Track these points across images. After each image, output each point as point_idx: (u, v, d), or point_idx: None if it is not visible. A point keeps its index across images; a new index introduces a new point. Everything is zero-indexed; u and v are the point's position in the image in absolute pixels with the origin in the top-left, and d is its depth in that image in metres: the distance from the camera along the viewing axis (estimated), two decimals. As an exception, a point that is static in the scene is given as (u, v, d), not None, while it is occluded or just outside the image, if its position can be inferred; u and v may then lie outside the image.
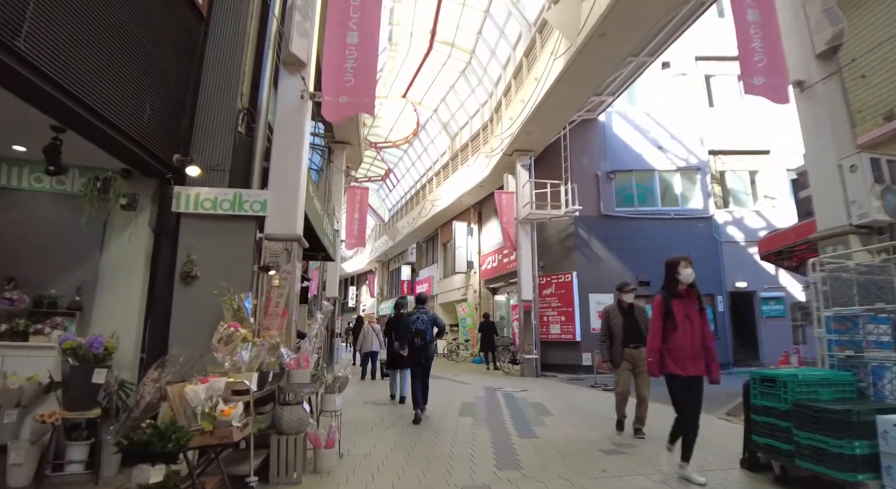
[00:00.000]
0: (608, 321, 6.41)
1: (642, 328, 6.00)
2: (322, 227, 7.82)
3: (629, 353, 6.09)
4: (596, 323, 14.32)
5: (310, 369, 4.74)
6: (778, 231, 8.58)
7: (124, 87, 4.38)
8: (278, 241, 5.23)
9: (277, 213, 5.21)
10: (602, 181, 15.49)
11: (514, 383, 11.97)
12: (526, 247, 14.55)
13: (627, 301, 6.43)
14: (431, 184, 24.63)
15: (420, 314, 7.57)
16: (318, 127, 15.00)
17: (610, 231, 15.11)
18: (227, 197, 5.18)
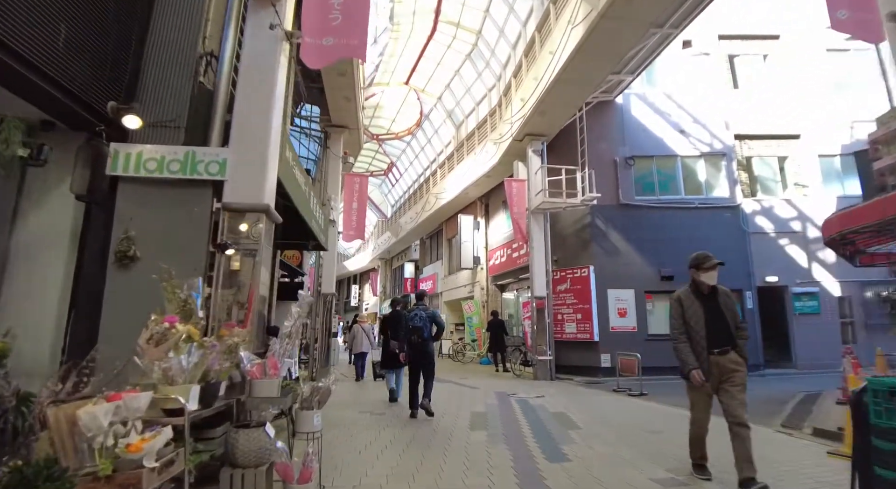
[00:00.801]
0: (682, 313, 4.27)
1: (730, 323, 4.14)
2: (309, 207, 6.70)
3: (713, 361, 4.04)
4: (616, 320, 13.19)
5: (279, 379, 3.61)
6: (852, 208, 7.39)
7: (34, 7, 3.27)
8: (241, 213, 4.08)
9: (240, 176, 4.08)
10: (620, 168, 14.32)
11: (528, 387, 10.82)
12: (538, 239, 13.39)
13: (709, 283, 4.31)
14: (435, 176, 23.49)
15: (418, 311, 7.28)
16: (313, 110, 13.93)
17: (629, 221, 13.95)
18: (176, 156, 4.06)
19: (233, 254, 3.97)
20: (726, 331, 4.11)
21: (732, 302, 4.33)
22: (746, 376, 4.07)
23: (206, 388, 3.09)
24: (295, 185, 5.62)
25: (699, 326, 4.11)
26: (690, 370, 4.02)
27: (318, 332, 12.37)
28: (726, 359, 4.02)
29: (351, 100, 12.15)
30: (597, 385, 11.80)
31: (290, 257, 13.05)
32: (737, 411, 3.88)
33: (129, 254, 3.90)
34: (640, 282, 13.57)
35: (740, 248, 14.09)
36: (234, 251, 3.97)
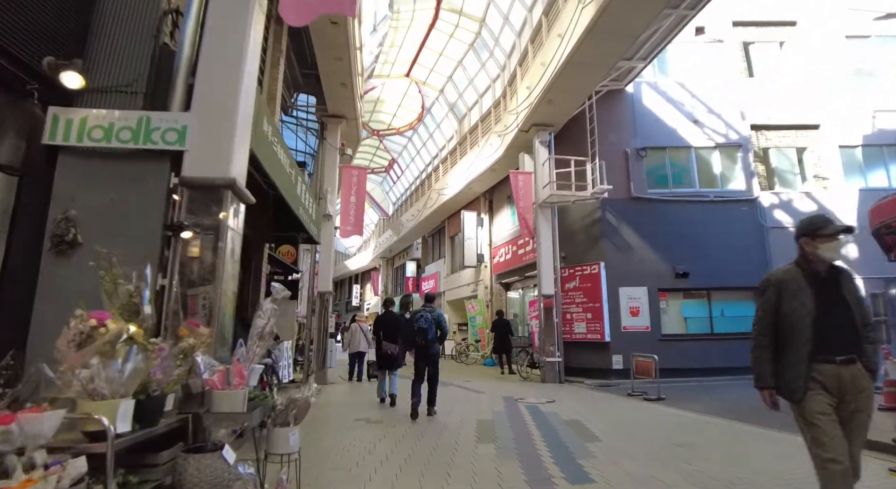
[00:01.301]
0: (776, 302, 2.87)
1: (857, 318, 2.75)
2: (295, 193, 6.04)
3: (830, 374, 2.68)
4: (628, 320, 12.49)
5: (244, 389, 2.95)
6: None
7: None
8: (203, 189, 3.41)
9: (203, 145, 3.42)
10: (632, 159, 13.63)
11: (537, 391, 10.15)
12: (546, 234, 12.71)
13: (830, 258, 2.85)
14: (438, 172, 22.83)
15: (425, 313, 7.23)
16: (310, 101, 13.30)
17: (642, 215, 13.25)
18: (127, 123, 3.40)
19: (191, 238, 3.30)
20: (851, 331, 2.73)
21: (857, 289, 2.87)
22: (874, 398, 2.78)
23: (144, 403, 2.43)
24: (277, 166, 4.96)
25: (804, 322, 2.74)
26: (762, 388, 2.92)
27: (314, 333, 11.71)
28: (852, 372, 2.67)
29: (348, 86, 11.50)
30: (609, 388, 11.12)
31: (285, 253, 12.40)
32: (854, 453, 2.65)
33: (68, 238, 3.24)
34: (654, 280, 12.88)
35: (758, 244, 13.39)
36: (192, 234, 3.30)
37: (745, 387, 11.74)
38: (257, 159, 4.06)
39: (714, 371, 12.34)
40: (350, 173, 12.54)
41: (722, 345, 12.66)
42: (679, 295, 13.17)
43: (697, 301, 13.20)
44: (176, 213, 3.33)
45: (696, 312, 13.12)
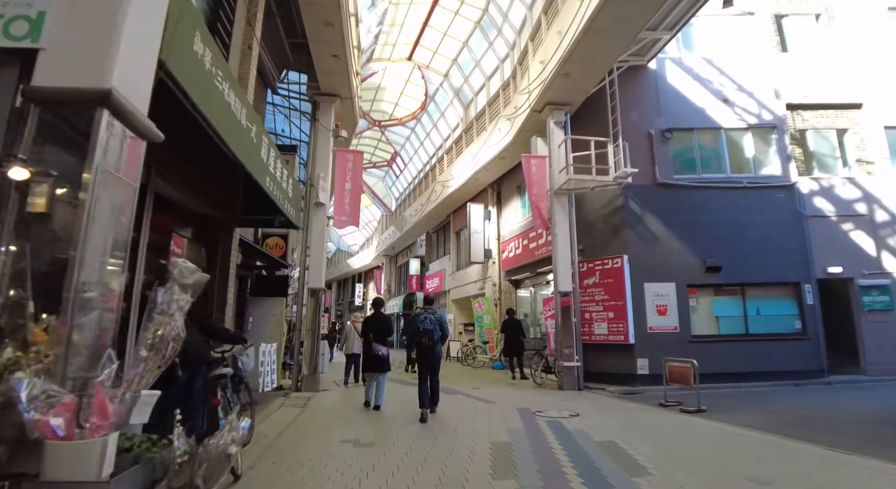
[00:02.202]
0: None
1: None
2: (258, 156, 4.82)
3: None
4: (655, 319, 11.25)
5: (105, 437, 1.71)
6: None
7: None
8: (64, 105, 2.17)
9: (68, 41, 2.16)
10: (656, 142, 12.34)
11: (556, 401, 8.89)
12: (563, 224, 11.44)
13: None
14: (442, 163, 21.59)
15: (427, 314, 7.48)
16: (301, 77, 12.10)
17: (668, 203, 11.95)
18: (-49, 10, 2.15)
19: (30, 180, 2.05)
20: None
21: None
22: None
23: None
24: (223, 110, 3.73)
25: None
26: None
27: (305, 334, 10.49)
28: None
29: (341, 58, 10.27)
30: (635, 397, 9.85)
31: (273, 246, 11.19)
32: None
33: None
34: (682, 275, 11.58)
35: (797, 235, 12.06)
36: (30, 172, 2.05)
37: (787, 394, 10.51)
38: (181, 86, 2.82)
39: (750, 376, 11.04)
40: (345, 157, 11.31)
41: (757, 348, 11.37)
42: (710, 291, 11.86)
43: (730, 298, 11.88)
44: (22, 138, 2.09)
45: (729, 311, 11.81)
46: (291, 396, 9.52)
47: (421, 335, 7.28)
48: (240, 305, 9.92)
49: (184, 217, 5.65)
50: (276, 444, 5.49)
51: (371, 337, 8.02)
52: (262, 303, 10.57)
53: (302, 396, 9.48)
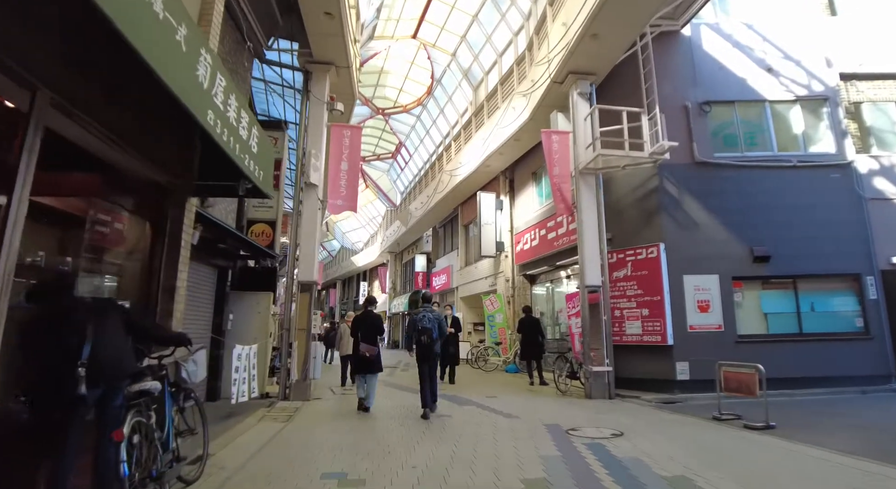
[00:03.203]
0: None
1: None
2: (217, 107, 3.47)
3: None
4: (696, 317, 9.85)
5: None
6: None
7: None
8: None
9: None
10: (693, 116, 10.88)
11: (588, 414, 7.48)
12: (590, 209, 10.01)
13: None
14: (449, 152, 20.18)
15: (426, 312, 7.51)
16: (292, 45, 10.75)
17: (709, 184, 10.50)
18: None
19: None
20: None
21: None
22: None
23: None
24: (145, 19, 2.34)
25: None
26: None
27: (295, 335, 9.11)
28: None
29: (335, 17, 8.89)
30: (677, 406, 8.45)
31: (259, 234, 9.84)
32: None
33: None
34: (726, 266, 10.12)
35: (856, 220, 10.55)
36: None
37: (856, 403, 8.84)
38: None
39: (805, 382, 9.60)
40: (340, 133, 9.92)
41: (813, 349, 9.91)
42: (757, 284, 10.39)
43: (781, 292, 10.40)
44: None
45: (780, 306, 10.32)
46: (277, 406, 8.15)
47: (420, 333, 7.35)
48: (218, 301, 8.57)
49: (118, 180, 4.28)
50: (234, 482, 4.11)
51: (360, 337, 7.66)
52: (246, 298, 9.23)
53: (289, 406, 8.11)
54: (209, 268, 8.42)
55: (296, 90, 12.71)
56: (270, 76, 13.42)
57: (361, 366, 7.75)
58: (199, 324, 8.10)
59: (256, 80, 13.43)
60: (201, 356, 4.10)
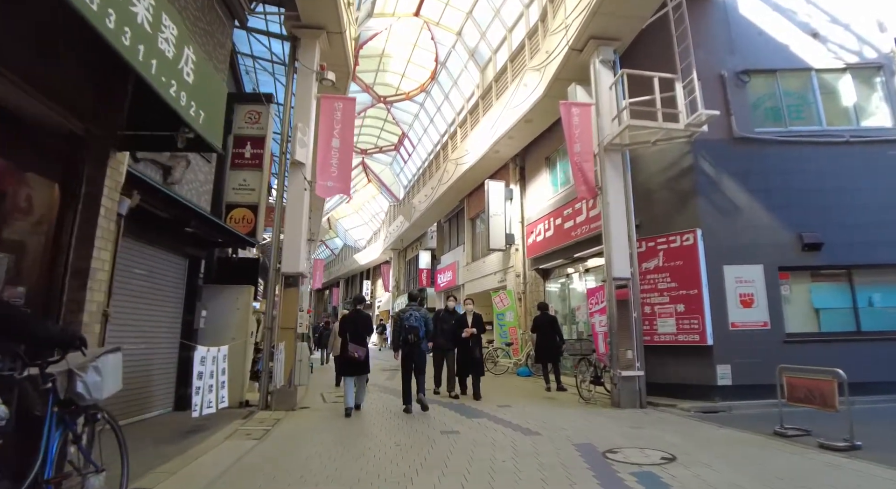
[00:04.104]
0: None
1: None
2: (143, 32, 2.27)
3: None
4: (738, 313, 8.66)
5: None
6: None
7: None
8: None
9: None
10: (730, 87, 9.62)
11: (623, 428, 6.25)
12: (616, 190, 8.79)
13: None
14: (455, 139, 18.97)
15: (412, 311, 7.62)
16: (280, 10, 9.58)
17: (750, 163, 9.25)
18: None
19: None
20: None
21: None
22: None
23: None
24: None
25: None
26: None
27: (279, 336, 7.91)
28: None
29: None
30: (723, 418, 7.22)
31: (239, 220, 8.67)
32: None
33: None
34: (772, 255, 8.86)
35: (918, 203, 9.26)
36: None
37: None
38: None
39: (864, 388, 8.22)
40: (331, 105, 8.72)
41: (873, 350, 8.62)
42: (806, 275, 9.12)
43: (834, 285, 9.13)
44: None
45: (833, 301, 9.05)
46: (255, 417, 6.97)
47: (406, 332, 7.40)
48: (189, 296, 7.40)
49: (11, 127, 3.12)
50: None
51: (349, 337, 7.36)
52: (224, 293, 8.06)
53: (269, 417, 6.93)
54: (177, 256, 7.26)
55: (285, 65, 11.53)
56: (260, 51, 12.26)
57: (349, 367, 7.40)
58: (163, 322, 6.93)
59: (244, 56, 12.28)
60: (109, 363, 2.91)
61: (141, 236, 6.23)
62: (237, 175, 8.94)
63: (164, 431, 5.96)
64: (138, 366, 6.34)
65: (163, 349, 6.85)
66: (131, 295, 6.17)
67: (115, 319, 5.87)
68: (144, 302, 6.44)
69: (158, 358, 6.71)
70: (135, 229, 6.04)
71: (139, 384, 6.37)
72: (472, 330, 9.02)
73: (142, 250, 6.36)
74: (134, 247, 6.19)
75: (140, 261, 6.34)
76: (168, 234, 6.67)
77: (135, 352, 6.25)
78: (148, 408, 6.52)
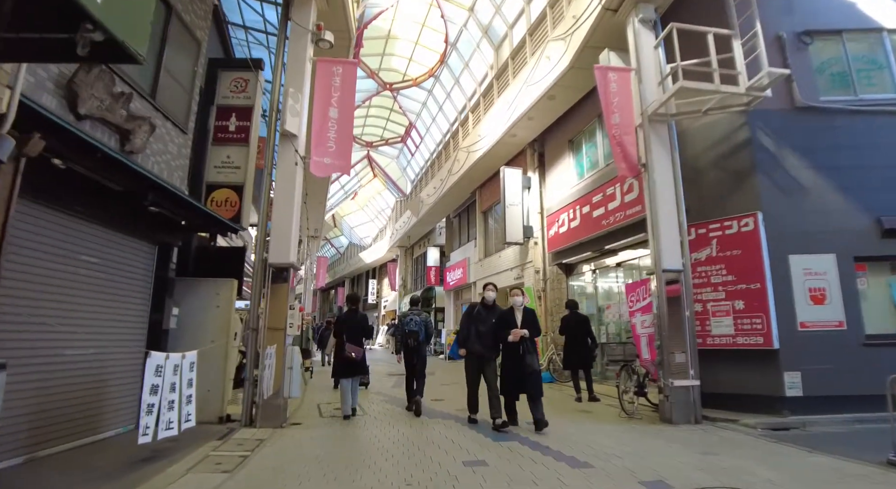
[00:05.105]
0: None
1: None
2: None
3: None
4: (808, 311, 7.38)
5: None
6: None
7: None
8: None
9: None
10: (790, 50, 8.29)
11: (690, 453, 4.97)
12: (663, 167, 7.52)
13: None
14: (466, 126, 17.69)
15: (413, 315, 7.66)
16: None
17: (816, 136, 7.92)
18: None
19: None
20: None
21: None
22: None
23: None
24: None
25: None
26: None
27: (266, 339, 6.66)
28: None
29: None
30: (803, 438, 5.91)
31: (221, 202, 7.45)
32: None
33: None
34: (846, 242, 7.52)
35: None
36: None
37: None
38: None
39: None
40: (328, 70, 7.48)
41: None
42: (886, 267, 7.78)
43: (918, 278, 7.80)
44: None
45: (918, 298, 7.72)
46: (234, 437, 5.74)
47: (407, 336, 7.45)
48: (158, 291, 6.18)
49: None
50: None
51: (345, 337, 7.07)
52: (201, 287, 6.84)
53: (250, 438, 5.68)
54: (143, 243, 6.04)
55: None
56: (252, 21, 11.06)
57: (346, 368, 7.07)
58: (122, 322, 5.71)
59: (235, 27, 11.09)
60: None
61: (89, 214, 5.02)
62: (220, 151, 7.72)
63: (113, 459, 4.75)
64: (86, 376, 5.13)
65: (122, 354, 5.64)
66: (76, 287, 4.96)
67: (54, 317, 4.66)
68: (96, 296, 5.23)
69: (116, 365, 5.48)
70: (80, 205, 4.83)
71: (89, 398, 5.15)
72: (522, 332, 6.24)
73: (92, 232, 5.15)
74: (80, 228, 4.98)
75: (89, 245, 5.13)
76: (129, 214, 5.46)
77: (79, 358, 5.03)
78: (101, 428, 5.30)
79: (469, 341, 6.71)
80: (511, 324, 6.39)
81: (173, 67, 6.56)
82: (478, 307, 7.02)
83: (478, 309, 6.97)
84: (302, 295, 25.97)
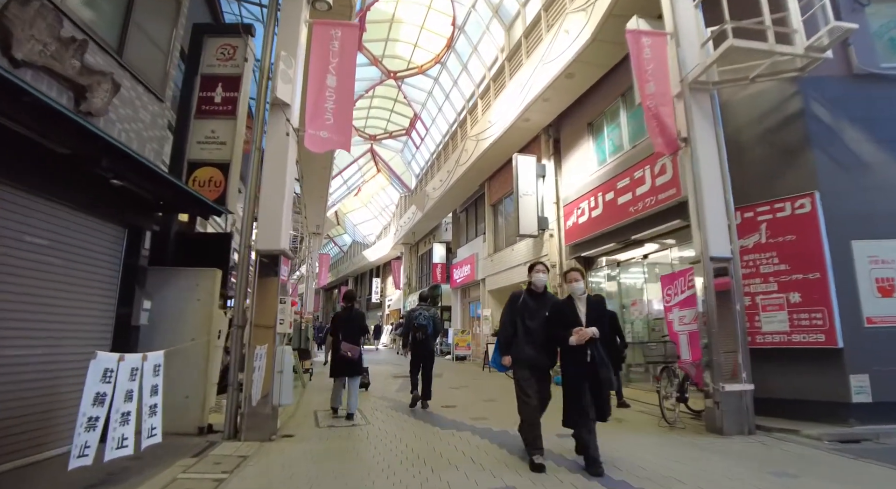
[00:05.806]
0: None
1: None
2: None
3: None
4: (875, 305, 6.47)
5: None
6: None
7: None
8: None
9: None
10: (845, 11, 7.35)
11: (759, 475, 4.10)
12: (707, 142, 6.59)
13: None
14: (475, 113, 16.79)
15: (421, 311, 7.97)
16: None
17: (876, 107, 7.00)
18: None
19: None
20: None
21: None
22: None
23: None
24: None
25: None
26: None
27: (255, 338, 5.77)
28: None
29: None
30: (881, 453, 4.98)
31: (205, 181, 6.60)
32: None
33: None
34: (915, 226, 6.61)
35: None
36: None
37: None
38: None
39: None
40: (326, 33, 6.59)
41: None
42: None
43: None
44: None
45: None
46: (214, 452, 4.86)
47: (415, 330, 7.77)
48: (126, 281, 5.32)
49: None
50: None
51: (342, 336, 6.86)
52: (179, 278, 5.97)
53: (231, 455, 4.80)
54: (108, 224, 5.17)
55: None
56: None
57: (342, 367, 6.88)
58: (80, 317, 4.84)
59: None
60: None
61: (35, 186, 4.15)
62: (204, 125, 6.84)
63: (48, 485, 3.88)
64: (32, 382, 4.26)
65: (80, 355, 4.76)
66: (21, 274, 4.10)
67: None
68: (47, 285, 4.36)
69: (71, 368, 4.60)
70: (20, 173, 3.96)
71: (34, 408, 4.28)
72: (590, 331, 4.49)
73: (38, 208, 4.28)
74: (22, 203, 4.11)
75: (36, 224, 4.26)
76: (88, 189, 4.59)
77: (24, 360, 4.17)
78: (47, 444, 4.41)
79: (516, 344, 4.74)
80: (571, 320, 4.56)
81: (147, 23, 5.70)
82: (523, 296, 4.92)
83: (523, 298, 4.89)
84: (303, 294, 25.16)
